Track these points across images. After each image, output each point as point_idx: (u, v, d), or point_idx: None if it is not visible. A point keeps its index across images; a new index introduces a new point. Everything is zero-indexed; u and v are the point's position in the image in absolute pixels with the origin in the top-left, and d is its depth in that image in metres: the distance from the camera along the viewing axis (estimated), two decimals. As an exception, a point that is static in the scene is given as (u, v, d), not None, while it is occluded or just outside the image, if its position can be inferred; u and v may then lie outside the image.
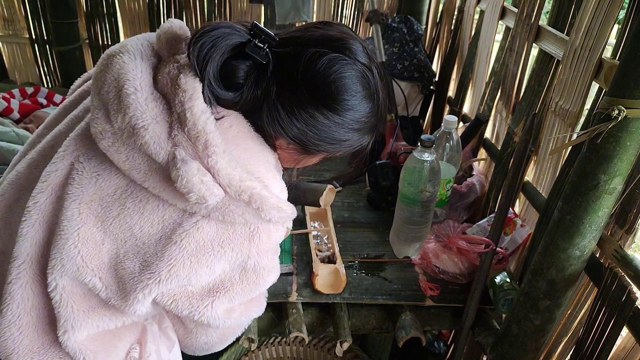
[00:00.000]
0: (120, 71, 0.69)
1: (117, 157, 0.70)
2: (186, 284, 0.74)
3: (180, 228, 0.72)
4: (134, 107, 0.67)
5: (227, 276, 0.77)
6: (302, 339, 1.18)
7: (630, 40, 0.78)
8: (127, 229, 0.72)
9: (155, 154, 0.67)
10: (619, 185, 0.86)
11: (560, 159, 1.16)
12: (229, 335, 0.92)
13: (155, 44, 0.76)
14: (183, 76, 0.69)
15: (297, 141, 0.75)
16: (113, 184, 0.73)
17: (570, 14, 1.18)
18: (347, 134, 0.76)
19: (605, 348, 0.92)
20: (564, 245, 0.94)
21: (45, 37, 2.51)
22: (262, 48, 0.70)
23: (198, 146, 0.66)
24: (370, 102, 0.76)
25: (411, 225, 1.30)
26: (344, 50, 0.72)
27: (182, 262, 0.71)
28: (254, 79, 0.72)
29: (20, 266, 0.74)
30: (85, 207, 0.72)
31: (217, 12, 2.45)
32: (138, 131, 0.66)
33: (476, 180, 1.52)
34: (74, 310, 0.75)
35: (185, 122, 0.66)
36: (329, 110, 0.72)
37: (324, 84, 0.71)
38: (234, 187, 0.68)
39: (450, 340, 1.82)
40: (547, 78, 1.26)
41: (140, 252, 0.72)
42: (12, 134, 1.68)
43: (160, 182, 0.70)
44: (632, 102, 0.77)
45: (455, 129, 1.39)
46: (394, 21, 2.00)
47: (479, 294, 1.20)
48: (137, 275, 0.72)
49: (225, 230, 0.73)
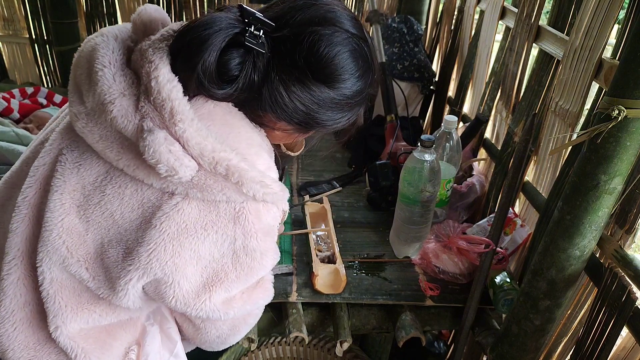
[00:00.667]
0: (91, 53, 0.69)
1: (91, 138, 0.70)
2: (172, 269, 0.71)
3: (159, 211, 0.70)
4: (101, 82, 0.66)
5: (218, 265, 0.74)
6: (302, 339, 1.18)
7: (630, 40, 0.78)
8: (108, 215, 0.71)
9: (124, 128, 0.66)
10: (619, 185, 0.86)
11: (560, 159, 1.16)
12: (241, 325, 0.89)
13: (131, 28, 0.76)
14: (152, 50, 0.67)
15: (301, 123, 0.74)
16: (94, 172, 0.72)
17: (570, 14, 1.18)
18: (347, 108, 0.75)
19: (605, 348, 0.92)
20: (564, 245, 0.94)
21: (45, 37, 2.51)
22: (258, 36, 0.67)
23: (164, 115, 0.64)
24: (369, 73, 0.75)
25: (411, 225, 1.30)
26: (340, 25, 0.70)
27: (163, 246, 0.69)
28: (249, 68, 0.69)
29: (11, 262, 0.74)
30: (67, 197, 0.72)
31: (217, 12, 2.45)
32: (106, 106, 0.65)
33: (476, 180, 1.52)
34: (62, 305, 0.74)
35: (151, 90, 0.65)
36: (333, 89, 0.71)
37: (328, 66, 0.69)
38: (206, 157, 0.65)
39: (450, 340, 1.82)
40: (547, 78, 1.26)
41: (123, 240, 0.71)
42: (12, 134, 1.68)
43: (133, 160, 0.68)
44: (632, 102, 0.77)
45: (455, 129, 1.39)
46: (394, 21, 2.00)
47: (479, 294, 1.20)
48: (120, 262, 0.71)
49: (209, 212, 0.71)
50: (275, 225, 0.80)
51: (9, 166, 1.56)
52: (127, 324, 0.84)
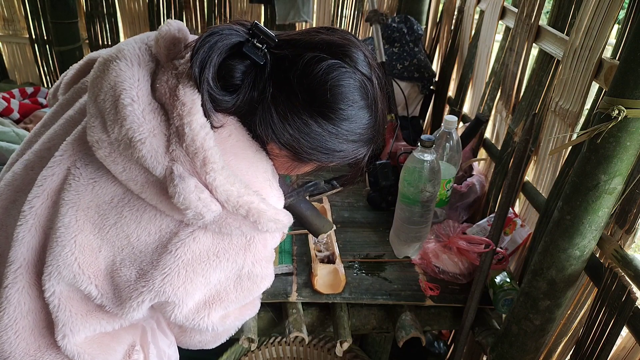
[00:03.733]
0: (116, 79, 0.67)
1: (114, 168, 0.69)
2: (183, 294, 0.73)
3: (176, 237, 0.71)
4: (130, 119, 0.65)
5: (222, 286, 0.77)
6: (302, 339, 1.18)
7: (630, 40, 0.78)
8: (124, 237, 0.71)
9: (152, 167, 0.66)
10: (619, 185, 0.86)
11: (560, 159, 1.16)
12: (223, 335, 0.94)
13: (153, 47, 0.73)
14: (182, 87, 0.67)
15: (289, 148, 0.73)
16: (110, 191, 0.72)
17: (570, 14, 1.18)
18: (342, 145, 0.73)
19: (605, 348, 0.92)
20: (564, 245, 0.94)
21: (45, 37, 2.51)
22: (260, 48, 0.68)
23: (196, 162, 0.65)
24: (368, 113, 0.73)
25: (411, 225, 1.30)
26: (344, 57, 0.69)
27: (176, 272, 0.71)
28: (251, 80, 0.70)
29: (16, 271, 0.74)
30: (82, 214, 0.71)
31: (217, 12, 2.45)
32: (135, 144, 0.65)
33: (476, 180, 1.52)
34: (72, 314, 0.74)
35: (184, 137, 0.65)
36: (323, 118, 0.70)
37: (319, 91, 0.68)
38: (231, 202, 0.67)
39: (450, 340, 1.82)
40: (547, 78, 1.26)
41: (137, 261, 0.72)
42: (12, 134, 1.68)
43: (157, 195, 0.69)
44: (632, 102, 0.77)
45: (455, 129, 1.39)
46: (394, 21, 2.00)
47: (479, 294, 1.20)
48: (133, 283, 0.72)
49: (222, 240, 0.73)
50: (274, 248, 0.83)
51: (9, 166, 1.57)
52: (129, 327, 0.84)
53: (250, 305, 0.90)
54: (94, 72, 0.72)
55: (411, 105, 2.02)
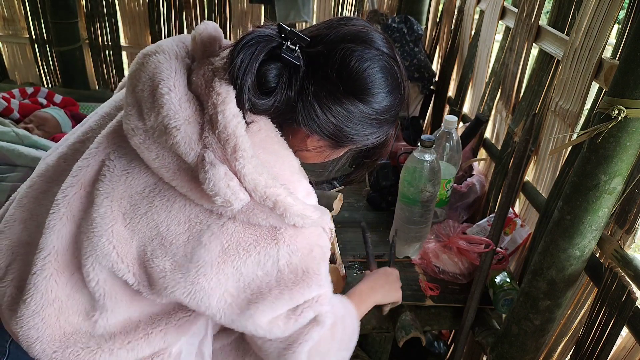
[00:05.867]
0: (155, 70, 0.71)
1: (147, 155, 0.72)
2: (215, 284, 0.73)
3: (208, 230, 0.72)
4: (167, 106, 0.68)
5: (262, 282, 0.75)
6: (302, 339, 1.17)
7: (630, 40, 0.78)
8: (153, 226, 0.73)
9: (185, 154, 0.69)
10: (619, 185, 0.86)
11: (560, 159, 1.16)
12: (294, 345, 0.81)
13: (189, 45, 0.77)
14: (217, 79, 0.70)
15: (332, 137, 0.77)
16: (142, 182, 0.74)
17: (570, 14, 1.18)
18: (378, 124, 0.78)
19: (605, 348, 0.92)
20: (564, 245, 0.94)
21: (45, 37, 2.50)
22: (294, 50, 0.71)
23: (227, 149, 0.68)
24: (399, 90, 0.78)
25: (411, 225, 1.30)
26: (371, 43, 0.74)
27: (210, 264, 0.72)
28: (285, 80, 0.72)
29: (45, 258, 0.75)
30: (116, 204, 0.74)
31: (217, 12, 2.45)
32: (170, 131, 0.68)
33: (476, 180, 1.52)
34: (118, 300, 0.77)
35: (217, 124, 0.68)
36: (364, 104, 0.74)
37: (360, 79, 0.73)
38: (259, 192, 0.69)
39: (450, 340, 1.82)
40: (547, 78, 1.26)
41: (169, 252, 0.73)
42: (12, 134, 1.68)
43: (188, 182, 0.71)
44: (632, 102, 0.77)
45: (455, 129, 1.39)
46: (394, 21, 2.00)
47: (479, 294, 1.20)
48: (169, 274, 0.73)
49: (251, 233, 0.73)
50: (324, 246, 0.81)
51: (9, 166, 1.57)
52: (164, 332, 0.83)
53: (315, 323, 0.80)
54: (132, 65, 0.75)
55: (411, 105, 2.02)
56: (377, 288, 1.10)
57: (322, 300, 0.80)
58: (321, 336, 0.81)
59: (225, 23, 2.48)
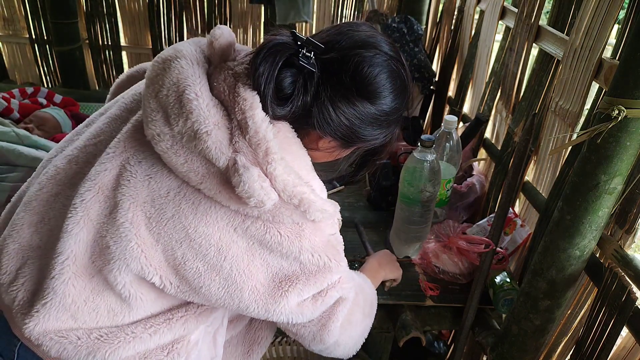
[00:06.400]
0: (179, 76, 0.72)
1: (175, 160, 0.73)
2: (247, 276, 0.77)
3: (236, 230, 0.76)
4: (197, 112, 0.70)
5: (289, 271, 0.80)
6: (302, 339, 1.18)
7: (630, 40, 0.78)
8: (181, 229, 0.75)
9: (216, 158, 0.70)
10: (619, 185, 0.86)
11: (560, 159, 1.16)
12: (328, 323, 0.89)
13: (206, 50, 0.79)
14: (241, 85, 0.73)
15: (344, 138, 0.80)
16: (165, 185, 0.76)
17: (570, 14, 1.18)
18: (385, 124, 0.82)
19: (605, 348, 0.92)
20: (564, 245, 0.94)
21: (45, 37, 2.51)
22: (309, 57, 0.74)
23: (259, 153, 0.71)
24: (405, 92, 0.82)
25: (411, 225, 1.30)
26: (379, 48, 0.77)
27: (240, 258, 0.76)
28: (301, 86, 0.75)
29: (64, 262, 0.76)
30: (139, 208, 0.75)
31: (217, 12, 2.45)
32: (200, 136, 0.69)
33: (476, 180, 1.52)
34: (143, 301, 0.80)
35: (247, 129, 0.70)
36: (375, 105, 0.78)
37: (373, 84, 0.76)
38: (287, 191, 0.72)
39: (450, 340, 1.82)
40: (547, 78, 1.26)
41: (199, 254, 0.75)
42: (12, 134, 1.68)
43: (217, 185, 0.73)
44: (632, 102, 0.77)
45: (455, 129, 1.39)
46: (394, 21, 2.00)
47: (479, 294, 1.20)
48: (203, 273, 0.76)
49: (277, 229, 0.77)
50: (337, 233, 0.89)
51: (10, 166, 1.57)
52: (184, 320, 0.85)
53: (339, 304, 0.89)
54: (152, 71, 0.76)
55: (411, 105, 2.02)
56: (383, 264, 1.21)
57: (344, 280, 0.88)
58: (348, 310, 0.90)
59: (225, 23, 2.48)
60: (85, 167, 0.80)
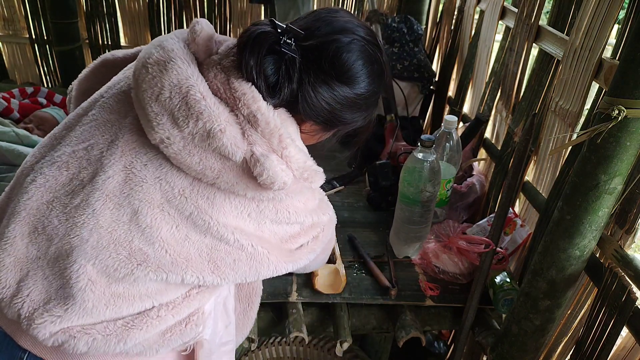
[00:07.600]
0: (179, 77, 0.73)
1: (189, 160, 0.74)
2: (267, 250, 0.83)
3: (250, 215, 0.80)
4: (207, 112, 0.71)
5: (294, 232, 0.87)
6: (302, 339, 1.18)
7: (630, 40, 0.78)
8: (202, 224, 0.77)
9: (232, 154, 0.72)
10: (619, 185, 0.86)
11: (560, 159, 1.17)
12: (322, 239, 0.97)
13: (190, 45, 0.79)
14: (234, 79, 0.74)
15: (326, 122, 0.83)
16: (177, 184, 0.77)
17: (570, 14, 1.18)
18: (364, 107, 0.85)
19: (605, 348, 0.92)
20: (564, 245, 0.94)
21: (45, 37, 2.50)
22: (290, 44, 0.76)
23: (273, 141, 0.74)
24: (381, 76, 0.86)
25: (411, 225, 1.30)
26: (354, 33, 0.80)
27: (259, 237, 0.82)
28: (284, 74, 0.77)
29: (79, 270, 0.75)
30: (157, 210, 0.76)
31: (217, 12, 2.45)
32: (215, 134, 0.71)
33: (476, 180, 1.52)
34: (168, 293, 0.82)
35: (257, 122, 0.74)
36: (355, 90, 0.81)
37: (352, 69, 0.79)
38: (300, 169, 0.77)
39: (450, 340, 1.82)
40: (547, 78, 1.26)
41: (223, 240, 0.79)
42: (12, 134, 1.68)
43: (233, 178, 0.75)
44: (632, 102, 0.77)
45: (455, 129, 1.39)
46: (394, 21, 1.99)
47: (479, 294, 1.20)
48: (230, 254, 0.80)
49: (284, 208, 0.82)
50: (322, 191, 0.95)
51: (9, 166, 1.57)
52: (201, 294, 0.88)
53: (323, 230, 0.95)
54: (146, 73, 0.75)
55: (411, 105, 2.02)
56: None
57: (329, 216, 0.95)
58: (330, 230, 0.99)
59: (225, 23, 2.48)
60: (80, 172, 0.78)
